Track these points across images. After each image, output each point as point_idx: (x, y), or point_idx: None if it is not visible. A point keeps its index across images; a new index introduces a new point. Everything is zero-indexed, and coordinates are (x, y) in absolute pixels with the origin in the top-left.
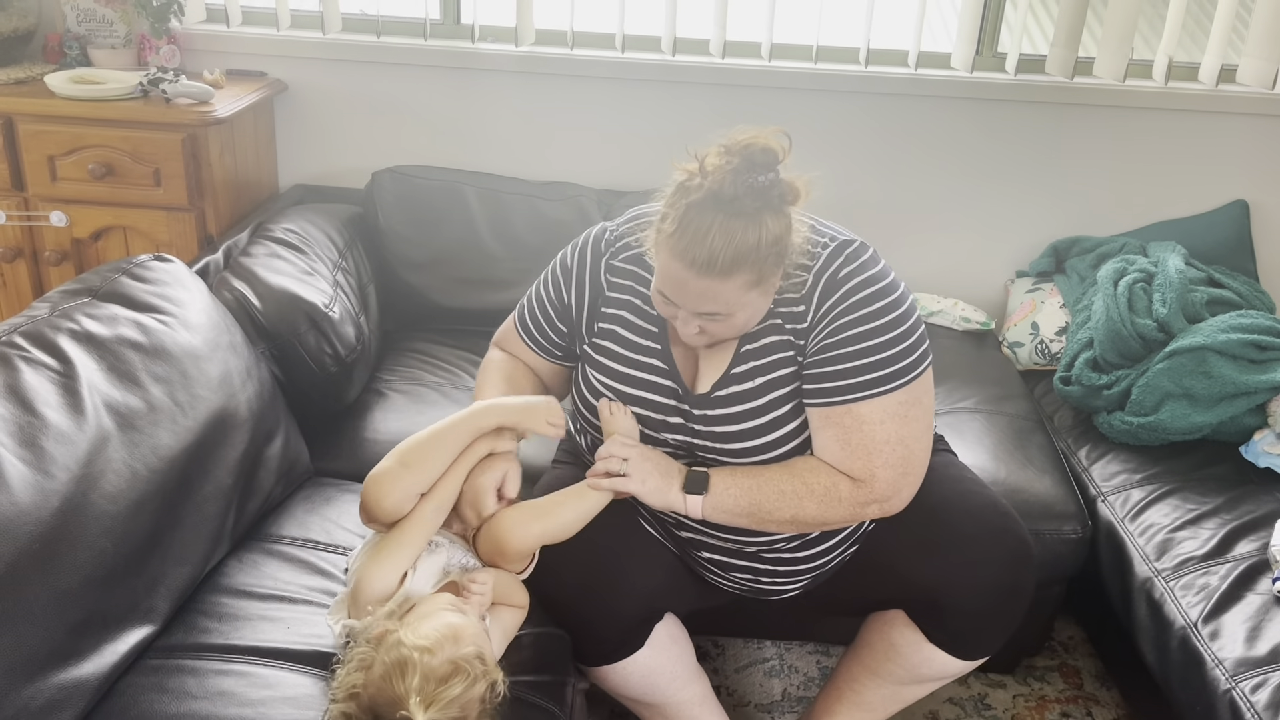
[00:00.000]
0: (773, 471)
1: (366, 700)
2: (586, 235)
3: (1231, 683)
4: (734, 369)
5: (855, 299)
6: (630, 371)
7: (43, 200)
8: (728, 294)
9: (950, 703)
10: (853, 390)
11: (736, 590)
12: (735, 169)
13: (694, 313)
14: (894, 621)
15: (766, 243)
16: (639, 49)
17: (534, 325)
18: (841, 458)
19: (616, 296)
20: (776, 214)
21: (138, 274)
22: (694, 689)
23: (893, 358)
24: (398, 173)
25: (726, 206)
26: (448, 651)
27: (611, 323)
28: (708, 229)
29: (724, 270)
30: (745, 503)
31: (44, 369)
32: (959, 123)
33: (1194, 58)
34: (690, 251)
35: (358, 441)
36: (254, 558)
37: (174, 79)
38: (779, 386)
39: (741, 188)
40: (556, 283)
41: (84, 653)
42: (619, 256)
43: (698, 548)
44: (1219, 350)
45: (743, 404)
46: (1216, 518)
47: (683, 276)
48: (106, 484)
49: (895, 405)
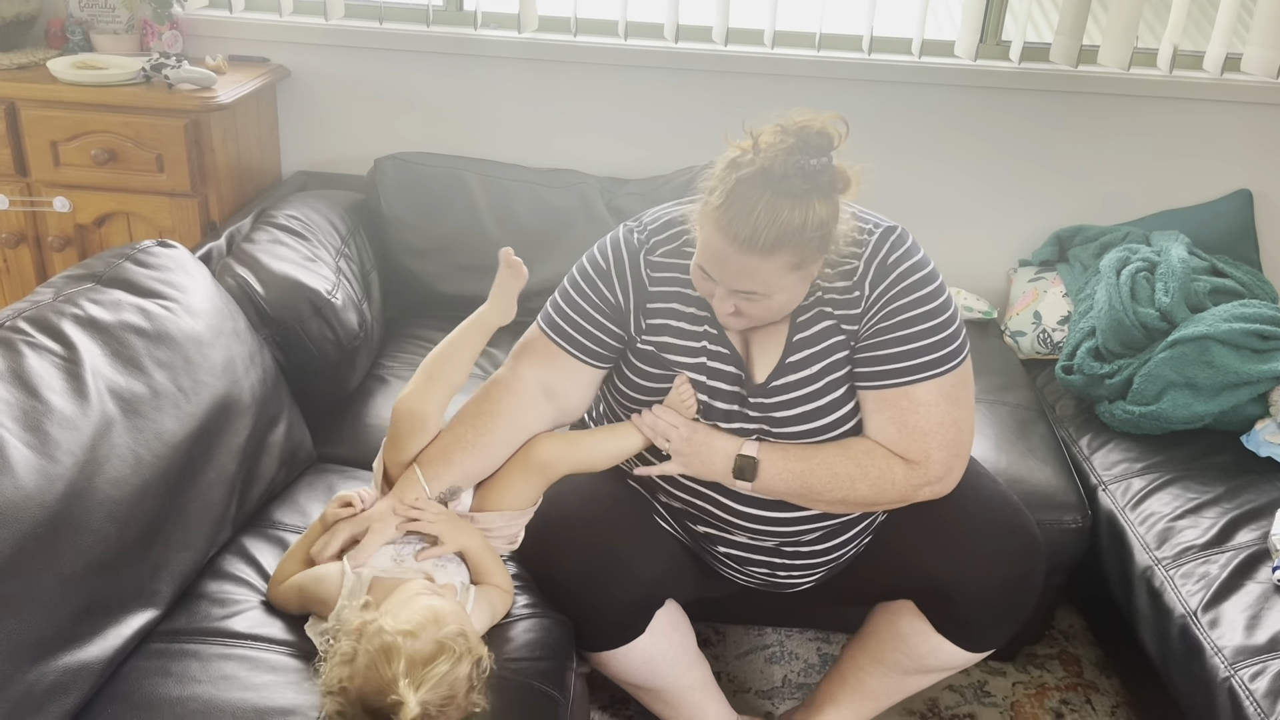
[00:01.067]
0: (827, 453)
1: (355, 692)
2: (613, 237)
3: (1231, 670)
4: (789, 358)
5: (906, 283)
6: (694, 360)
7: (46, 186)
8: (767, 274)
9: (950, 690)
10: (909, 373)
11: (752, 584)
12: (789, 149)
13: (731, 290)
14: (902, 611)
15: (812, 226)
16: (642, 36)
17: (579, 332)
18: (897, 439)
19: (662, 290)
20: (825, 199)
21: (141, 260)
22: (695, 674)
23: (944, 340)
24: (400, 159)
25: (776, 185)
26: (430, 633)
27: (662, 317)
28: (754, 205)
29: (765, 249)
30: (796, 485)
31: (48, 354)
32: (962, 111)
33: (1199, 46)
34: (734, 226)
35: (360, 428)
36: (256, 544)
37: (177, 64)
38: (834, 371)
39: (793, 168)
40: (595, 286)
41: (88, 637)
42: (656, 253)
43: (715, 543)
44: (1221, 339)
45: (800, 390)
46: (1217, 507)
47: (724, 251)
48: (110, 469)
49: (948, 387)
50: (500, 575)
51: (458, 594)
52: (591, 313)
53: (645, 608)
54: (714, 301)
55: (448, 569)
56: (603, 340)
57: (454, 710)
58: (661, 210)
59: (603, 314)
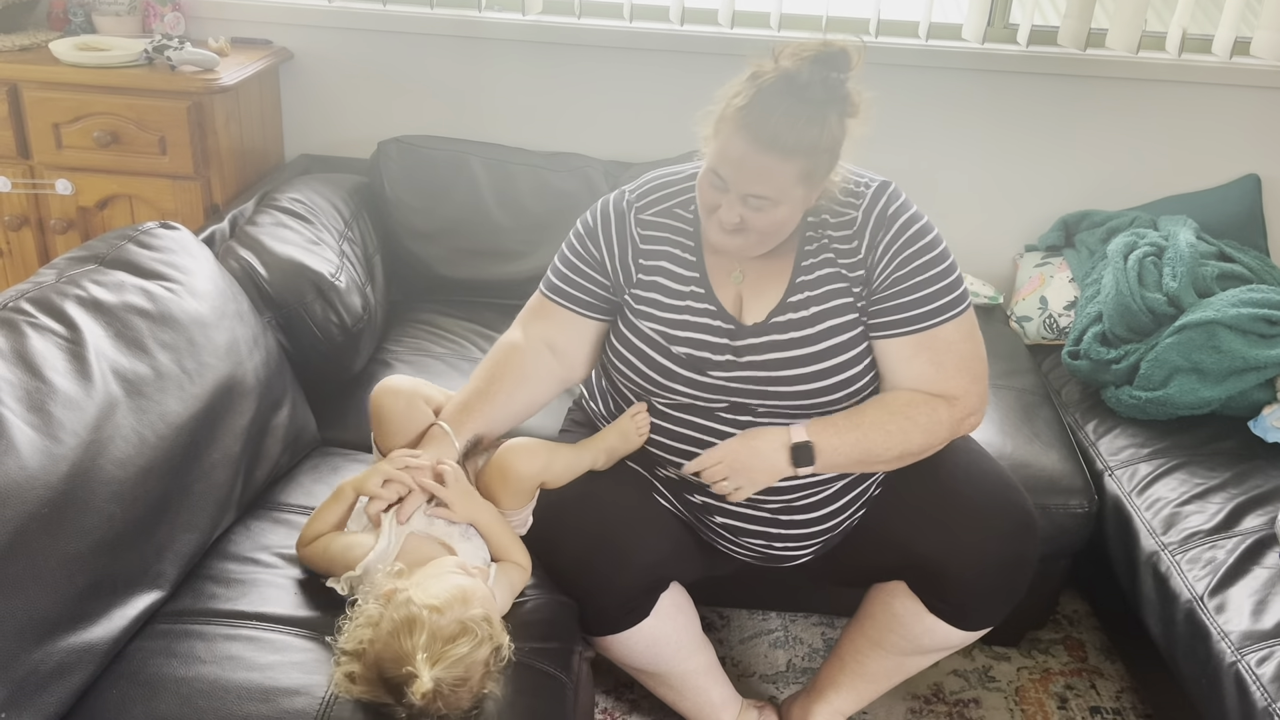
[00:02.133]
0: (872, 414)
1: (373, 656)
2: (603, 201)
3: (1237, 655)
4: (790, 298)
5: (910, 233)
6: (677, 316)
7: (48, 168)
8: (780, 177)
9: (955, 675)
10: (934, 315)
11: (747, 558)
12: (812, 59)
13: (743, 195)
14: (895, 592)
15: (825, 140)
16: (647, 18)
17: (571, 285)
18: (937, 380)
19: (652, 248)
20: (839, 118)
21: (144, 241)
22: (699, 658)
23: (955, 282)
24: (404, 142)
25: (799, 91)
26: (456, 612)
27: (652, 273)
28: (776, 107)
29: (785, 150)
30: (856, 453)
31: (51, 335)
32: (969, 95)
33: (1207, 30)
34: (757, 126)
35: (364, 412)
36: (261, 525)
37: (179, 46)
38: (834, 317)
39: (815, 76)
40: (583, 243)
41: (93, 617)
42: (646, 211)
43: (711, 513)
44: (1229, 325)
45: (798, 331)
46: (1224, 492)
47: (743, 151)
48: (115, 450)
49: (967, 325)
50: (518, 551)
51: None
52: (581, 267)
53: (649, 591)
54: (719, 214)
55: (472, 543)
56: (593, 291)
57: (465, 693)
58: (648, 176)
59: (591, 268)
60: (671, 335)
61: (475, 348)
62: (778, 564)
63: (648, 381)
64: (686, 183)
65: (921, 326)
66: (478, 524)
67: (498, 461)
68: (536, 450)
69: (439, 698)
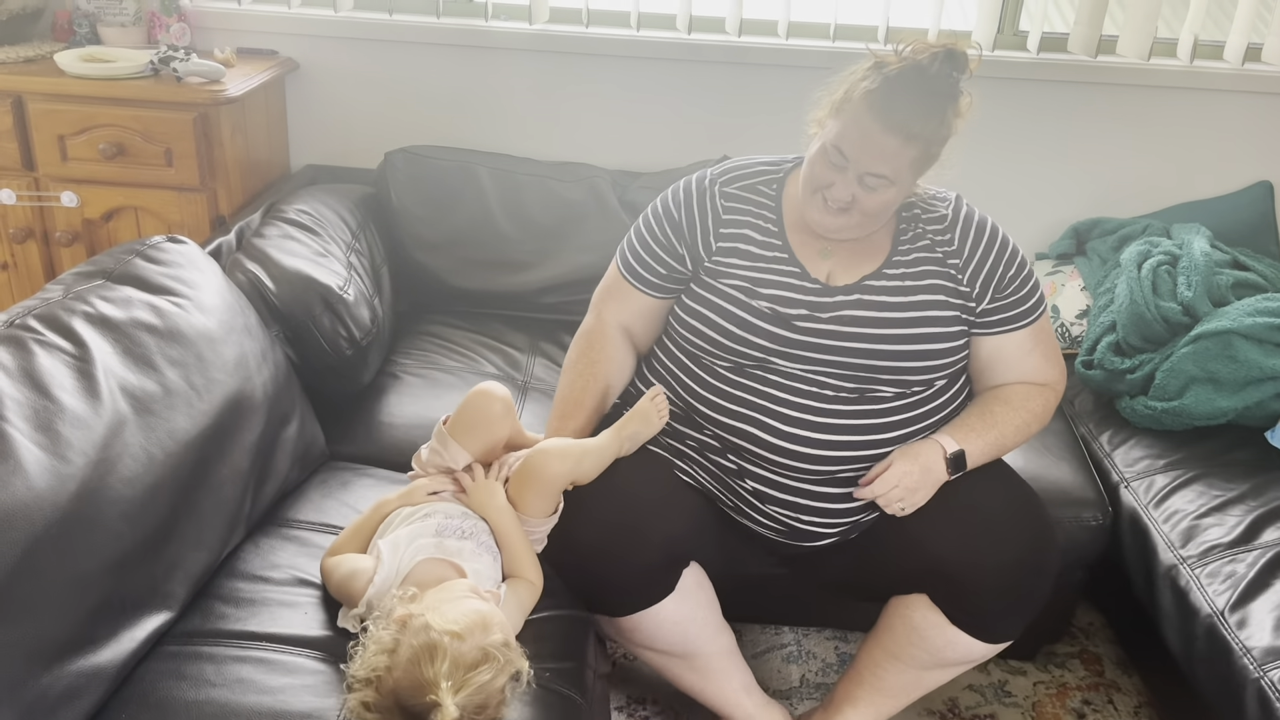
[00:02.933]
0: (1000, 412)
1: (390, 684)
2: (684, 180)
3: (1260, 672)
4: (885, 270)
5: (1000, 237)
6: (760, 275)
7: (53, 180)
8: (900, 160)
9: (970, 689)
10: (1038, 305)
11: (769, 532)
12: (941, 56)
13: (861, 173)
14: (916, 604)
15: (942, 131)
16: (654, 27)
17: (644, 268)
18: (1045, 368)
19: (735, 218)
20: (953, 114)
21: (151, 256)
22: (722, 640)
23: (1037, 279)
24: (410, 152)
25: (927, 83)
26: (477, 638)
27: (734, 240)
28: (906, 93)
29: (909, 134)
30: (993, 450)
31: (58, 352)
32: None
33: (1219, 36)
34: (887, 108)
35: (373, 425)
36: (271, 543)
37: (185, 57)
38: (927, 294)
39: (941, 71)
40: (660, 223)
41: (102, 639)
42: (730, 185)
43: (743, 477)
44: (1244, 334)
45: (890, 297)
46: (1243, 504)
47: (870, 130)
48: (123, 468)
49: (1048, 312)
50: (530, 567)
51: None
52: (654, 249)
53: (671, 565)
54: (831, 191)
55: (482, 559)
56: (664, 274)
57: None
58: (726, 162)
59: (664, 250)
60: (755, 290)
61: (484, 360)
62: (799, 540)
63: (724, 335)
64: (766, 167)
65: (1035, 318)
66: (495, 526)
67: (529, 464)
68: (567, 452)
69: None
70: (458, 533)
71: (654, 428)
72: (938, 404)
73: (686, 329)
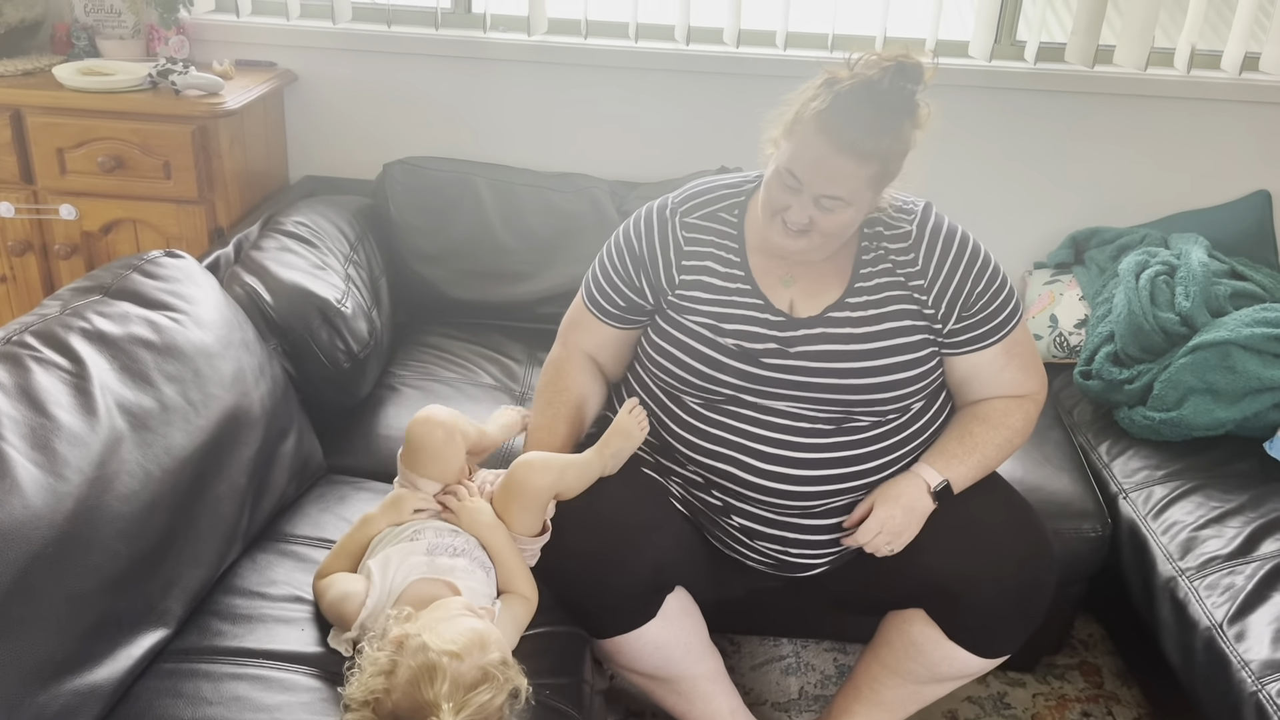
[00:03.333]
0: (981, 433)
1: (390, 706)
2: (645, 208)
3: (1258, 685)
4: (848, 299)
5: (969, 249)
6: (724, 310)
7: (52, 193)
8: (855, 180)
9: (969, 701)
10: (1010, 319)
11: (760, 565)
12: (893, 70)
13: (817, 196)
14: (913, 619)
15: (898, 147)
16: (653, 38)
17: (606, 300)
18: (1023, 380)
19: (696, 249)
20: (910, 128)
21: (149, 271)
22: (707, 664)
23: (1011, 288)
24: (409, 164)
25: (878, 98)
26: (476, 657)
27: (696, 273)
28: (858, 112)
29: (863, 154)
30: (977, 472)
31: (55, 369)
32: (977, 112)
33: (1216, 46)
34: (838, 129)
35: (371, 438)
36: (268, 558)
37: (183, 70)
38: (892, 320)
39: (894, 85)
40: (620, 255)
41: (98, 657)
42: (690, 215)
43: (729, 514)
44: (1243, 345)
45: (854, 328)
46: (1241, 516)
47: (822, 153)
48: (120, 485)
49: (1026, 324)
50: (524, 582)
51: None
52: (616, 282)
53: (656, 589)
54: (788, 214)
55: (475, 576)
56: (626, 306)
57: None
58: (687, 186)
59: (625, 282)
60: (719, 327)
61: (483, 371)
62: (789, 572)
63: (691, 374)
64: (727, 190)
65: (1005, 333)
66: (487, 543)
67: (511, 477)
68: (549, 465)
69: None
70: (449, 550)
71: (636, 440)
72: (917, 427)
73: (656, 366)
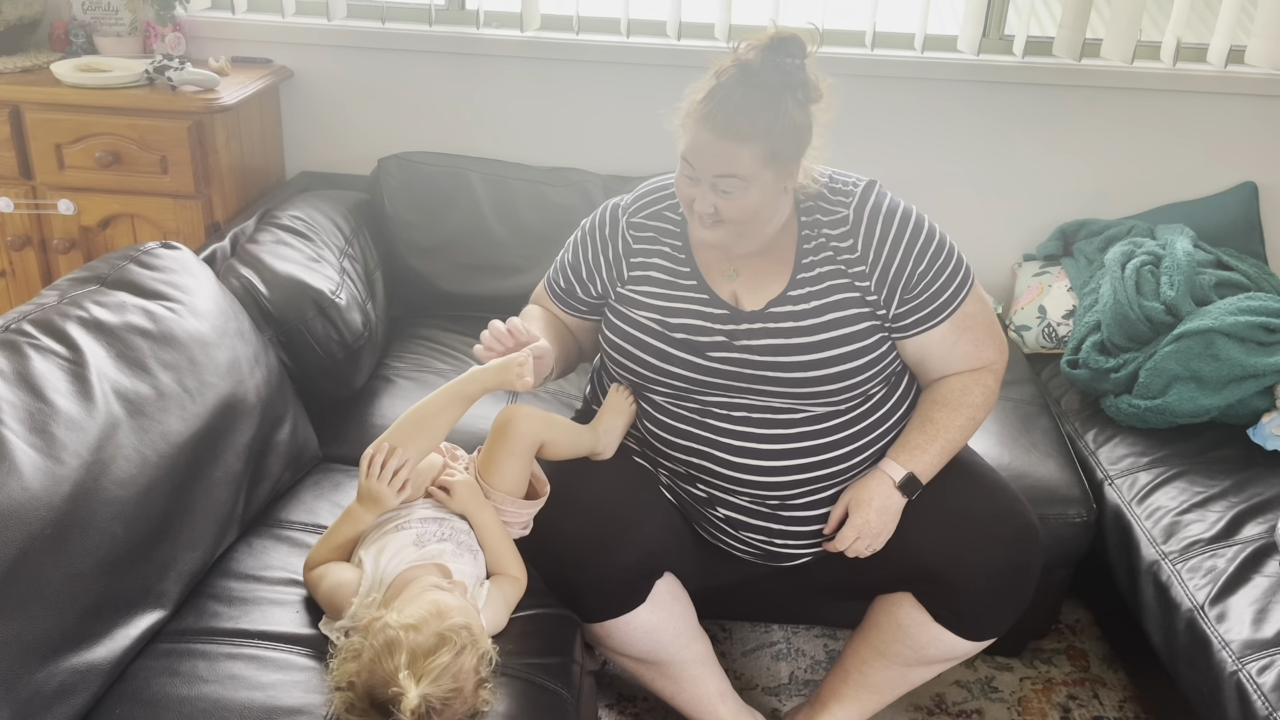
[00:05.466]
0: (940, 416)
1: (362, 686)
2: (603, 207)
3: (1238, 664)
4: (790, 291)
5: (910, 228)
6: (672, 304)
7: (50, 188)
8: (742, 161)
9: (957, 685)
10: (956, 294)
11: (747, 555)
12: (764, 48)
13: (712, 179)
14: (901, 602)
15: (782, 123)
16: (645, 34)
17: (564, 290)
18: (977, 354)
19: (645, 247)
20: (797, 101)
21: (146, 261)
22: (696, 648)
23: (959, 258)
24: (404, 159)
25: (752, 79)
26: (433, 626)
27: (645, 269)
28: (730, 95)
29: (740, 135)
30: (942, 458)
31: (53, 356)
32: (966, 106)
33: (1202, 39)
34: (713, 115)
35: (366, 428)
36: (263, 543)
37: (179, 66)
38: (836, 310)
39: (767, 64)
40: (578, 250)
41: (96, 637)
42: (639, 214)
43: (714, 505)
44: (1227, 333)
45: (797, 321)
46: (1224, 500)
47: (704, 139)
48: (117, 470)
49: (978, 290)
50: (514, 563)
51: (469, 590)
52: (570, 275)
53: (645, 575)
54: (695, 207)
55: (463, 559)
56: (582, 298)
57: (460, 704)
58: (643, 184)
59: (580, 276)
60: (666, 321)
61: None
62: (776, 562)
63: (645, 368)
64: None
65: (952, 310)
66: (478, 523)
67: (496, 424)
68: (534, 412)
69: (434, 714)
70: (436, 536)
71: (626, 416)
72: (882, 413)
73: (614, 363)
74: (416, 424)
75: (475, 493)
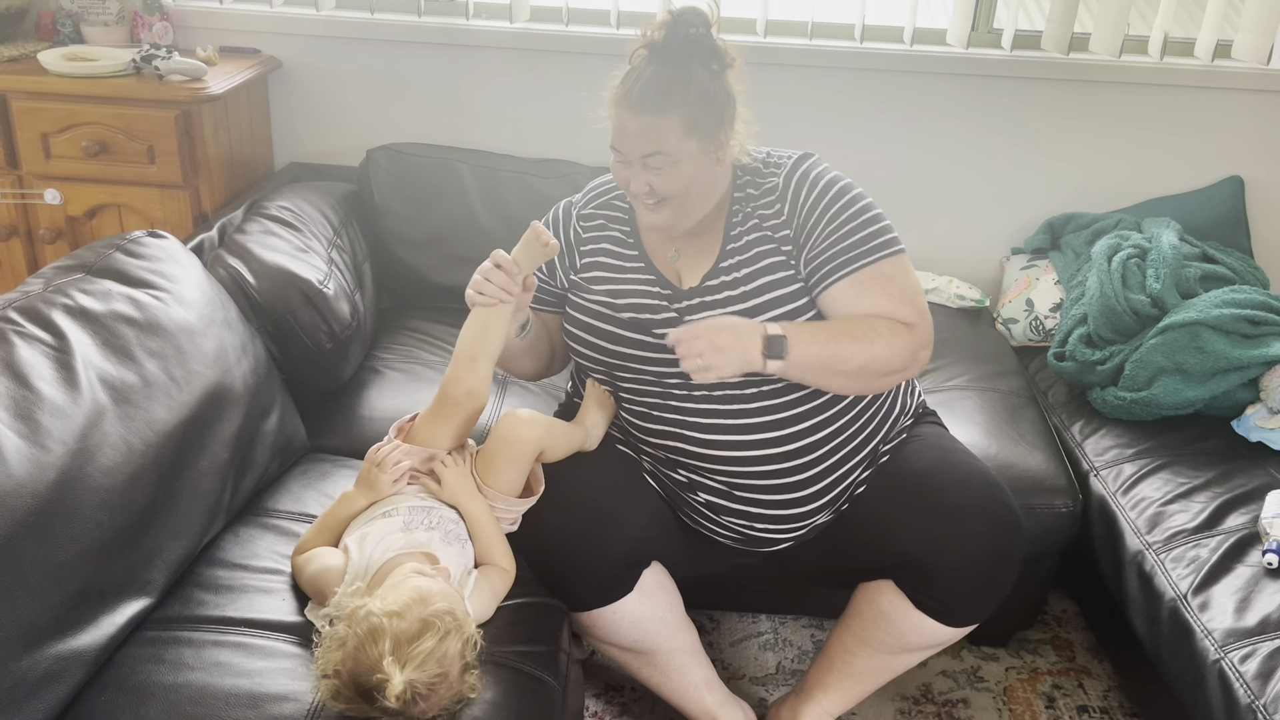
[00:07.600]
0: (841, 323)
1: (348, 674)
2: (560, 204)
3: (1220, 653)
4: (720, 264)
5: (834, 189)
6: (620, 286)
7: (37, 178)
8: (664, 133)
9: (943, 675)
10: (871, 253)
11: (729, 540)
12: (668, 23)
13: (641, 159)
14: (883, 590)
15: (696, 88)
16: (634, 26)
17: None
18: (892, 308)
19: (593, 235)
20: (707, 68)
21: (132, 250)
22: (682, 637)
23: (885, 227)
24: (392, 150)
25: (660, 54)
26: (416, 612)
27: (594, 255)
28: (643, 73)
29: (656, 107)
30: (826, 355)
31: (38, 344)
32: (954, 99)
33: (1190, 33)
34: (629, 94)
35: (354, 419)
36: (250, 532)
37: (167, 56)
38: (767, 275)
39: (673, 37)
40: None
41: (81, 624)
42: (589, 206)
43: (695, 490)
44: (1212, 325)
45: (731, 290)
46: (1208, 491)
47: (624, 120)
48: (102, 458)
49: (905, 264)
50: (502, 554)
51: (454, 577)
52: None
53: (632, 565)
54: (632, 188)
55: (450, 548)
56: (550, 291)
57: (446, 689)
58: (596, 179)
59: (542, 268)
60: (615, 303)
61: None
62: (758, 547)
63: (600, 352)
64: None
65: (862, 264)
66: (468, 513)
67: (498, 430)
68: (537, 418)
69: (420, 699)
70: (424, 525)
71: (607, 407)
72: None
73: (576, 353)
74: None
75: (467, 484)
